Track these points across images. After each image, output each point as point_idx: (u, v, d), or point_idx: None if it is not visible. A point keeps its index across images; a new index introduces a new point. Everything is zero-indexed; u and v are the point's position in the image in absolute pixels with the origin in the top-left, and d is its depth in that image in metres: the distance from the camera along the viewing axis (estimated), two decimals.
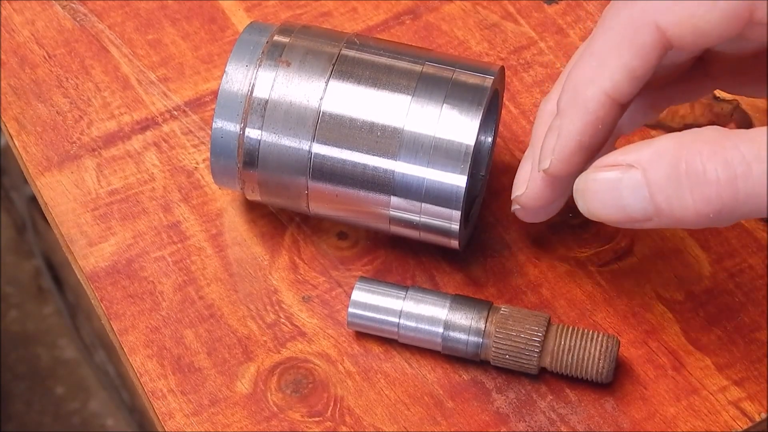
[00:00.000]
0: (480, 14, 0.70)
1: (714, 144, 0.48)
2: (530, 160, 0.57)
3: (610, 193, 0.51)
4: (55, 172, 0.64)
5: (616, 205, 0.51)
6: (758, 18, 0.50)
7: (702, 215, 0.49)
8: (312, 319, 0.60)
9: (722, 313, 0.60)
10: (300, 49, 0.59)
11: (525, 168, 0.57)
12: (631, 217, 0.51)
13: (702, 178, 0.48)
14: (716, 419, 0.57)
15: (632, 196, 0.50)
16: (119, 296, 0.61)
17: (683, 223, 0.49)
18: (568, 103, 0.53)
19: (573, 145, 0.53)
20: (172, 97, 0.67)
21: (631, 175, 0.50)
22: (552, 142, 0.54)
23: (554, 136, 0.54)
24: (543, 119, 0.57)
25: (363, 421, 0.57)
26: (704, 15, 0.50)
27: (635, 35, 0.52)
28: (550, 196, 0.56)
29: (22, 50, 0.69)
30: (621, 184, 0.50)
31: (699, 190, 0.48)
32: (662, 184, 0.49)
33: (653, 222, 0.50)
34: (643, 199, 0.50)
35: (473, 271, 0.61)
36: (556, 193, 0.56)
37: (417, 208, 0.58)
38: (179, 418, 0.57)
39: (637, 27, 0.51)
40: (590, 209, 0.52)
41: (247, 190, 0.60)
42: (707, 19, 0.50)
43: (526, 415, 0.58)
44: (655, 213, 0.50)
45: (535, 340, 0.57)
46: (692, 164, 0.48)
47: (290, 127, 0.58)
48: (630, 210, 0.50)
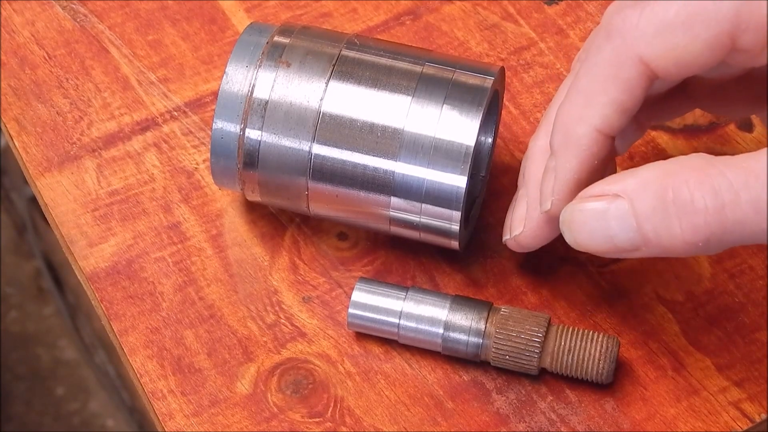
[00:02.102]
0: (480, 15, 0.70)
1: (700, 172, 0.48)
2: (524, 200, 0.57)
3: (597, 224, 0.51)
4: (55, 173, 0.64)
5: (603, 236, 0.51)
6: (741, 45, 0.50)
7: (690, 244, 0.49)
8: (312, 320, 0.60)
9: (722, 313, 0.60)
10: (300, 50, 0.59)
11: (520, 207, 0.57)
12: (618, 247, 0.51)
13: (690, 207, 0.48)
14: (716, 420, 0.57)
15: (619, 226, 0.50)
16: (119, 297, 0.61)
17: (672, 252, 0.49)
18: (561, 144, 0.53)
19: (571, 184, 0.54)
20: (172, 98, 0.67)
21: (617, 205, 0.50)
22: (550, 184, 0.54)
23: (551, 177, 0.54)
24: (534, 157, 0.57)
25: (363, 422, 0.57)
26: (687, 46, 0.50)
27: (620, 70, 0.52)
28: (549, 233, 0.57)
29: (22, 51, 0.69)
30: (608, 214, 0.50)
31: (687, 219, 0.48)
32: (649, 214, 0.49)
33: (641, 252, 0.50)
34: (630, 229, 0.50)
35: (473, 271, 0.61)
36: (555, 230, 0.56)
37: (417, 208, 0.58)
38: (179, 418, 0.57)
39: (622, 62, 0.51)
40: (577, 240, 0.52)
41: (247, 191, 0.60)
42: (690, 50, 0.50)
43: (526, 416, 0.58)
44: (643, 243, 0.50)
45: (535, 341, 0.57)
46: (679, 193, 0.48)
47: (290, 127, 0.58)
48: (617, 240, 0.50)
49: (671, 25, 0.50)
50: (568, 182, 0.54)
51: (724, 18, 0.49)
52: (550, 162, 0.54)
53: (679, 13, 0.50)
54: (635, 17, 0.51)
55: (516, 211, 0.58)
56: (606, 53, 0.52)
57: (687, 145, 0.65)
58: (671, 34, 0.50)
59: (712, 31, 0.50)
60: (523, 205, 0.57)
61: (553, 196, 0.54)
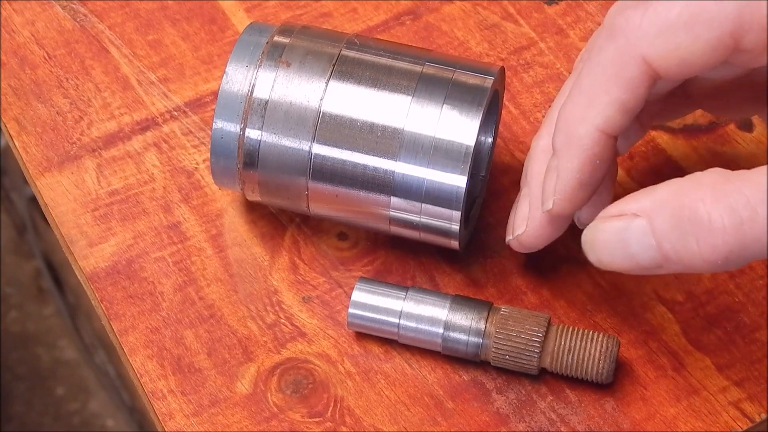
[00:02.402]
0: (480, 15, 0.70)
1: (716, 189, 0.48)
2: (527, 199, 0.57)
3: (617, 243, 0.51)
4: (55, 173, 0.64)
5: (624, 255, 0.51)
6: (744, 45, 0.50)
7: (710, 262, 0.48)
8: (312, 320, 0.60)
9: (722, 313, 0.60)
10: (300, 50, 0.59)
11: (523, 207, 0.57)
12: (640, 265, 0.51)
13: (707, 226, 0.48)
14: (716, 420, 0.57)
15: (639, 245, 0.50)
16: (119, 297, 0.61)
17: (693, 269, 0.49)
18: (563, 143, 0.53)
19: (573, 184, 0.54)
20: (172, 98, 0.67)
21: (636, 224, 0.50)
22: (552, 183, 0.54)
23: (553, 177, 0.54)
24: (536, 157, 0.57)
25: (363, 422, 0.57)
26: (689, 47, 0.50)
27: (623, 70, 0.52)
28: (551, 233, 0.57)
29: (22, 51, 0.69)
30: (628, 233, 0.50)
31: (705, 239, 0.48)
32: (667, 233, 0.49)
33: (664, 269, 0.50)
34: (650, 248, 0.50)
35: (473, 271, 0.61)
36: (557, 229, 0.57)
37: (417, 208, 0.58)
38: (179, 418, 0.57)
39: (624, 61, 0.51)
40: (600, 259, 0.52)
41: (247, 191, 0.60)
42: (692, 51, 0.50)
43: (526, 416, 0.58)
44: (664, 261, 0.50)
45: (535, 341, 0.57)
46: (695, 212, 0.48)
47: (290, 127, 0.58)
48: (639, 259, 0.50)
49: (674, 25, 0.50)
50: (570, 182, 0.54)
51: (726, 18, 0.49)
52: (552, 162, 0.54)
53: (682, 13, 0.50)
54: (638, 17, 0.51)
55: (518, 212, 0.58)
56: (609, 53, 0.52)
57: (687, 144, 0.65)
58: (674, 35, 0.50)
59: (714, 31, 0.50)
60: (525, 205, 0.57)
61: (555, 195, 0.54)
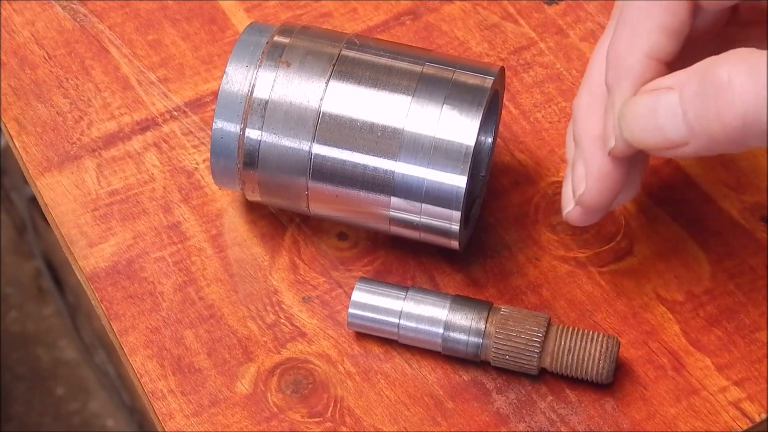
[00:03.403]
0: (480, 15, 0.70)
1: (741, 56, 0.48)
2: (580, 161, 0.56)
3: (648, 116, 0.51)
4: (55, 173, 0.64)
5: (654, 127, 0.51)
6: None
7: (728, 125, 0.48)
8: (312, 320, 0.60)
9: (722, 313, 0.60)
10: (300, 50, 0.59)
11: (578, 169, 0.56)
12: (669, 140, 0.50)
13: (725, 87, 0.48)
14: (716, 420, 0.57)
15: (668, 116, 0.50)
16: (119, 297, 0.61)
17: (716, 140, 0.49)
18: (615, 78, 0.53)
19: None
20: (172, 98, 0.67)
21: (667, 96, 0.50)
22: (611, 121, 0.54)
23: (611, 114, 0.54)
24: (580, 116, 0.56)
25: (363, 422, 0.57)
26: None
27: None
28: (613, 185, 0.56)
29: (22, 51, 0.69)
30: (658, 104, 0.50)
31: (722, 99, 0.48)
32: (692, 101, 0.49)
33: (691, 146, 0.50)
34: (677, 117, 0.50)
35: (473, 271, 0.61)
36: (618, 180, 0.56)
37: (417, 208, 0.58)
38: (179, 418, 0.57)
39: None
40: (633, 133, 0.52)
41: (247, 191, 0.60)
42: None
43: (526, 416, 0.58)
44: (690, 133, 0.50)
45: (535, 341, 0.57)
46: (717, 76, 0.48)
47: (290, 127, 0.58)
48: (667, 131, 0.50)
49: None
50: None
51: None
52: (608, 101, 0.54)
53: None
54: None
55: (575, 174, 0.56)
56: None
57: None
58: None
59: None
60: (580, 165, 0.56)
61: (615, 131, 0.53)
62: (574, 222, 0.58)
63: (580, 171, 0.56)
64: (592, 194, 0.56)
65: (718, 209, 0.63)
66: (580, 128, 0.56)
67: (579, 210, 0.57)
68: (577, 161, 0.56)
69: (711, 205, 0.63)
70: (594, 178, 0.56)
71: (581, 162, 0.56)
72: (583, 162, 0.56)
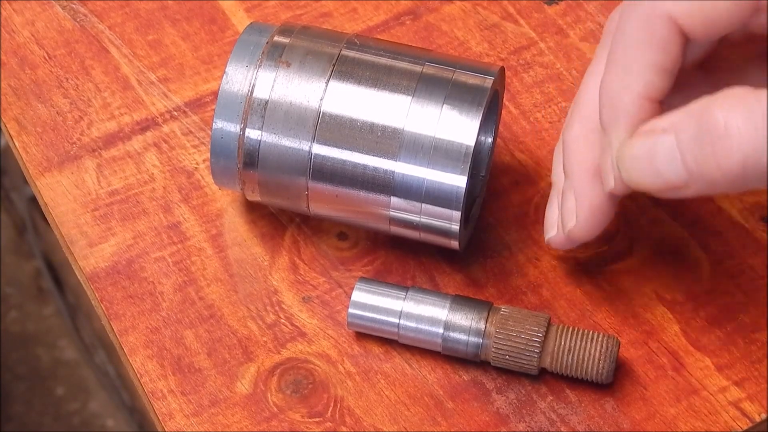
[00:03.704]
0: (480, 15, 0.70)
1: (738, 98, 0.48)
2: (570, 192, 0.56)
3: (646, 160, 0.51)
4: (55, 173, 0.64)
5: (653, 172, 0.51)
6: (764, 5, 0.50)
7: (727, 171, 0.48)
8: (312, 320, 0.60)
9: (722, 313, 0.60)
10: (300, 50, 0.59)
11: (568, 200, 0.57)
12: (667, 182, 0.50)
13: (723, 133, 0.48)
14: (716, 420, 0.57)
15: (666, 160, 0.50)
16: (119, 297, 0.61)
17: (716, 184, 0.49)
18: (610, 118, 0.53)
19: None
20: (172, 98, 0.67)
21: (664, 139, 0.50)
22: (609, 160, 0.53)
23: (609, 154, 0.53)
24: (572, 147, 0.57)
25: (363, 422, 0.57)
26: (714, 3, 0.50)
27: (652, 31, 0.51)
28: (602, 219, 0.56)
29: (22, 51, 0.69)
30: (656, 148, 0.50)
31: (720, 145, 0.48)
32: (690, 145, 0.49)
33: (691, 189, 0.50)
34: (675, 162, 0.50)
35: (473, 271, 0.61)
36: (609, 214, 0.56)
37: (417, 208, 0.58)
38: (179, 418, 0.57)
39: (652, 22, 0.51)
40: (631, 177, 0.52)
41: (247, 191, 0.60)
42: (716, 7, 0.50)
43: (526, 416, 0.58)
44: (689, 176, 0.49)
45: (535, 341, 0.57)
46: (713, 120, 0.48)
47: (290, 127, 0.58)
48: (666, 175, 0.50)
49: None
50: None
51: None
52: (604, 139, 0.54)
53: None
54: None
55: (565, 206, 0.57)
56: (635, 18, 0.52)
57: None
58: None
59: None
60: (570, 197, 0.56)
61: (614, 171, 0.53)
62: (556, 247, 0.59)
63: (570, 204, 0.56)
64: (582, 228, 0.56)
65: (718, 209, 0.63)
66: (571, 161, 0.57)
67: (563, 237, 0.57)
68: (567, 194, 0.57)
69: (711, 205, 0.63)
70: (585, 213, 0.56)
71: (571, 195, 0.56)
72: (573, 195, 0.56)
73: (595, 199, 0.56)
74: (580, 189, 0.56)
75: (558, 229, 0.57)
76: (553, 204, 0.58)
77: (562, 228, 0.57)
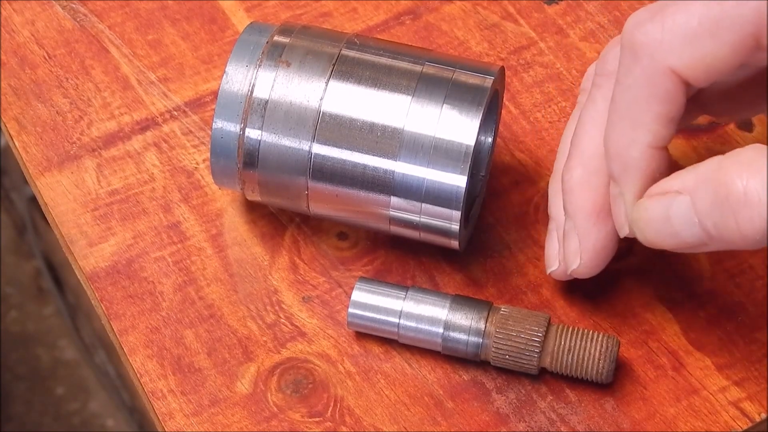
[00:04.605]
0: (480, 14, 0.70)
1: (753, 164, 0.48)
2: (573, 233, 0.57)
3: (662, 222, 0.51)
4: (55, 173, 0.64)
5: (669, 233, 0.51)
6: (764, 43, 0.50)
7: (749, 237, 0.49)
8: (312, 320, 0.60)
9: (722, 313, 0.60)
10: (300, 50, 0.59)
11: (571, 244, 0.57)
12: (685, 243, 0.51)
13: (743, 201, 0.48)
14: (716, 419, 0.57)
15: (683, 223, 0.51)
16: (119, 296, 0.61)
17: (737, 245, 0.49)
18: (620, 170, 0.53)
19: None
20: (172, 98, 0.67)
21: (679, 202, 0.51)
22: (622, 210, 0.54)
23: (621, 204, 0.54)
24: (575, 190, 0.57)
25: (363, 422, 0.57)
26: (716, 53, 0.51)
27: (656, 85, 0.52)
28: (606, 259, 0.57)
29: (22, 50, 0.69)
30: (671, 211, 0.51)
31: (742, 213, 0.48)
32: (708, 210, 0.49)
33: (710, 247, 0.51)
34: (693, 225, 0.50)
35: (473, 271, 0.61)
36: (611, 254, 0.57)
37: (417, 208, 0.58)
38: (179, 418, 0.57)
39: (655, 78, 0.52)
40: (647, 237, 0.53)
41: (247, 191, 0.60)
42: (718, 56, 0.51)
43: (526, 416, 0.58)
44: (708, 238, 0.50)
45: (535, 341, 0.57)
46: (733, 187, 0.48)
47: (290, 127, 0.58)
48: (683, 236, 0.51)
49: (697, 34, 0.50)
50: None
51: (747, 20, 0.50)
52: (613, 189, 0.54)
53: (703, 20, 0.50)
54: (658, 32, 0.51)
55: (568, 248, 0.57)
56: (637, 74, 0.52)
57: (687, 144, 0.65)
58: (699, 43, 0.50)
59: (737, 34, 0.50)
60: (573, 238, 0.57)
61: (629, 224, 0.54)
62: (559, 278, 0.59)
63: (574, 246, 0.57)
64: (586, 267, 0.57)
65: None
66: (574, 204, 0.57)
67: (566, 272, 0.58)
68: (571, 235, 0.57)
69: None
70: (590, 254, 0.57)
71: (574, 236, 0.57)
72: (576, 237, 0.57)
73: (599, 241, 0.56)
74: (584, 232, 0.56)
75: (560, 263, 0.58)
76: (553, 238, 0.59)
77: (566, 268, 0.58)
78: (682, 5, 0.51)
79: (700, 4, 0.50)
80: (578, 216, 0.57)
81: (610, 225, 0.56)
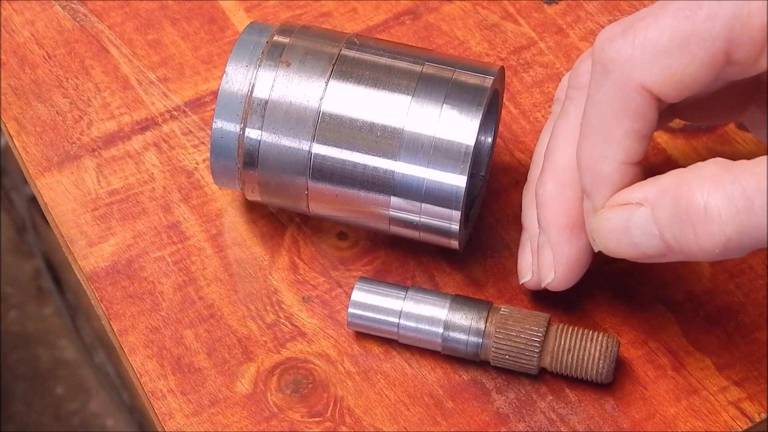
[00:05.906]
0: (480, 14, 0.70)
1: (715, 179, 0.48)
2: (547, 247, 0.57)
3: (622, 232, 0.52)
4: (55, 173, 0.64)
5: (629, 243, 0.51)
6: (736, 59, 0.50)
7: (708, 251, 0.49)
8: (312, 320, 0.60)
9: (722, 313, 0.60)
10: (300, 50, 0.59)
11: (545, 258, 0.57)
12: (645, 253, 0.51)
13: (703, 215, 0.48)
14: (716, 419, 0.57)
15: (643, 234, 0.51)
16: (119, 296, 0.61)
17: (695, 257, 0.50)
18: (593, 185, 0.53)
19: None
20: (172, 98, 0.67)
21: (640, 213, 0.51)
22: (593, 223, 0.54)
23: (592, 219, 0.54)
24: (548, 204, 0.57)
25: (363, 422, 0.57)
26: (686, 69, 0.50)
27: (627, 101, 0.51)
28: (579, 272, 0.57)
29: (22, 50, 0.69)
30: (631, 222, 0.51)
31: (701, 227, 0.48)
32: (668, 222, 0.50)
33: (668, 258, 0.51)
34: (653, 237, 0.50)
35: (473, 271, 0.62)
36: (585, 267, 0.57)
37: (417, 208, 0.58)
38: (179, 418, 0.57)
39: (626, 93, 0.51)
40: (606, 247, 0.53)
41: (247, 191, 0.60)
42: (689, 72, 0.50)
43: (526, 416, 0.58)
44: (667, 249, 0.50)
45: (535, 341, 0.57)
46: (693, 201, 0.49)
47: (290, 127, 0.58)
48: (643, 247, 0.51)
49: (668, 50, 0.50)
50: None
51: (718, 36, 0.49)
52: (587, 204, 0.54)
53: (674, 36, 0.50)
54: (629, 48, 0.51)
55: (542, 262, 0.57)
56: (607, 89, 0.52)
57: (686, 144, 0.65)
58: (669, 59, 0.50)
59: (708, 50, 0.50)
60: (547, 252, 0.57)
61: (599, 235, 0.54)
62: (532, 289, 0.59)
63: (548, 260, 0.57)
64: (560, 281, 0.57)
65: None
66: (547, 218, 0.57)
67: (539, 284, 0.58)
68: (544, 249, 0.57)
69: None
70: (564, 268, 0.57)
71: (548, 250, 0.57)
72: (550, 251, 0.57)
73: (573, 255, 0.56)
74: (558, 246, 0.56)
75: (533, 274, 0.58)
76: (526, 249, 0.59)
77: (540, 281, 0.58)
78: (652, 21, 0.51)
79: (670, 20, 0.50)
80: (552, 230, 0.56)
81: (584, 239, 0.56)
